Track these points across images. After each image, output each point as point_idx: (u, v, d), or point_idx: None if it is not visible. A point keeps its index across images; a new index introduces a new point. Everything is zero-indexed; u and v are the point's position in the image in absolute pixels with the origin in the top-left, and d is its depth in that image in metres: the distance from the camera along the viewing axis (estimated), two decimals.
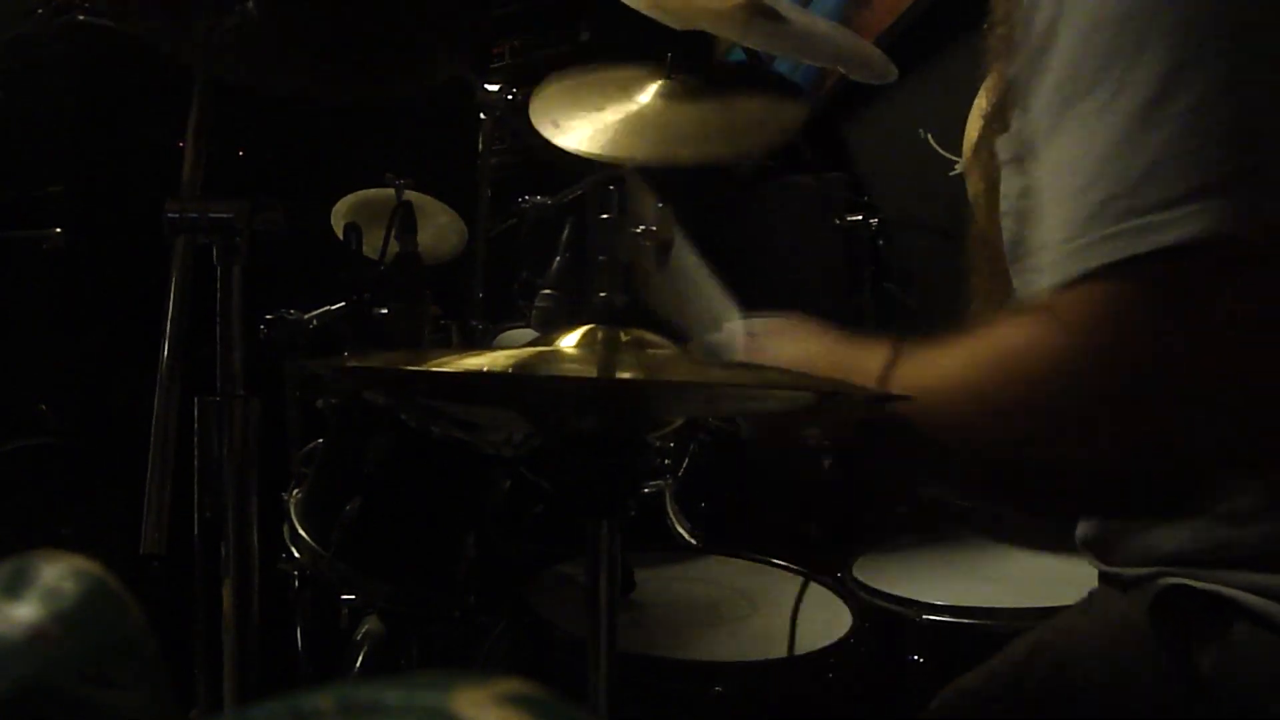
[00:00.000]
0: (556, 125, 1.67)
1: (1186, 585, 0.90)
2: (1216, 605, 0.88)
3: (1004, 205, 0.97)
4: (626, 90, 1.76)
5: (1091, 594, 1.07)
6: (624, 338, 0.94)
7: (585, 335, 0.94)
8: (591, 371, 0.84)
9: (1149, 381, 0.75)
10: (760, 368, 1.00)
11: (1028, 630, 1.12)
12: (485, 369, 0.84)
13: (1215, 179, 0.72)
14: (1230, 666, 0.87)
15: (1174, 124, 0.72)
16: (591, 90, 1.76)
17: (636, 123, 1.70)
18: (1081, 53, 0.77)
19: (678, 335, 1.02)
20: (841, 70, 1.93)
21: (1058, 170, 0.79)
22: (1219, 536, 0.88)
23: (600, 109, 1.71)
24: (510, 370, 0.85)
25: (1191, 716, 0.90)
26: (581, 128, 1.68)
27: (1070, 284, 0.76)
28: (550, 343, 0.96)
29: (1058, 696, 1.01)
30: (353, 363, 0.94)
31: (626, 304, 0.97)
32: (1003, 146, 0.96)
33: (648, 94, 1.76)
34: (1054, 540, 1.65)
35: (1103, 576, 1.03)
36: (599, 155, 1.62)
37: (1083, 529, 1.02)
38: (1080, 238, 0.75)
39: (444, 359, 0.90)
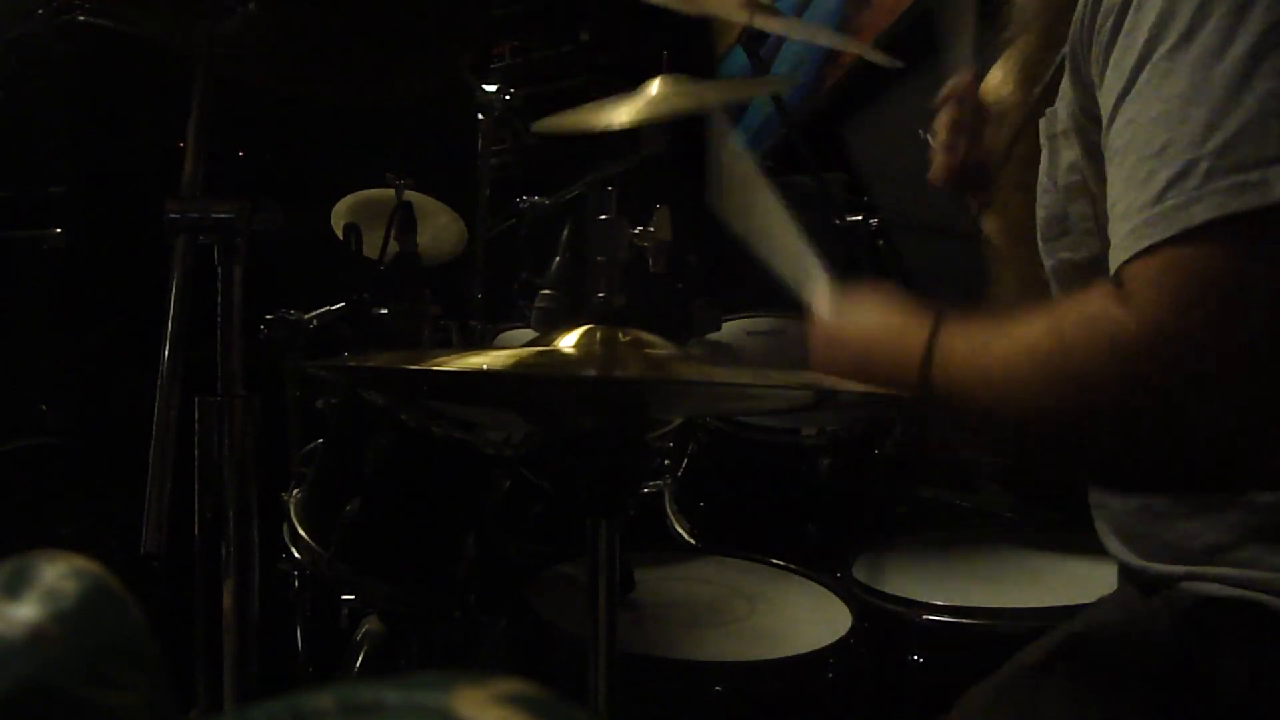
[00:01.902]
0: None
1: (1219, 597, 0.88)
2: (1253, 617, 0.86)
3: (1044, 183, 0.95)
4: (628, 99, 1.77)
5: (1116, 593, 1.06)
6: (622, 338, 0.94)
7: (584, 335, 0.94)
8: (591, 370, 0.84)
9: (1257, 351, 0.70)
10: (759, 368, 1.00)
11: (1029, 630, 1.11)
12: (485, 368, 0.84)
13: None
14: (1266, 682, 0.85)
15: (1269, 84, 0.70)
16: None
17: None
18: (1166, 11, 0.75)
19: (675, 335, 1.02)
20: (855, 50, 1.93)
21: (1135, 129, 0.76)
22: (1250, 529, 0.86)
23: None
24: (510, 370, 0.84)
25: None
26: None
27: (1160, 247, 0.72)
28: (549, 342, 0.96)
29: (1083, 700, 0.99)
30: (352, 362, 0.94)
31: (624, 304, 0.97)
32: (1045, 124, 0.94)
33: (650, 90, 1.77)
34: (1054, 541, 1.65)
35: (1126, 570, 1.00)
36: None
37: (1108, 519, 1.00)
38: (1169, 199, 0.72)
39: (444, 358, 0.90)
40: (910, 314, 0.92)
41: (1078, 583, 1.42)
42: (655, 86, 1.52)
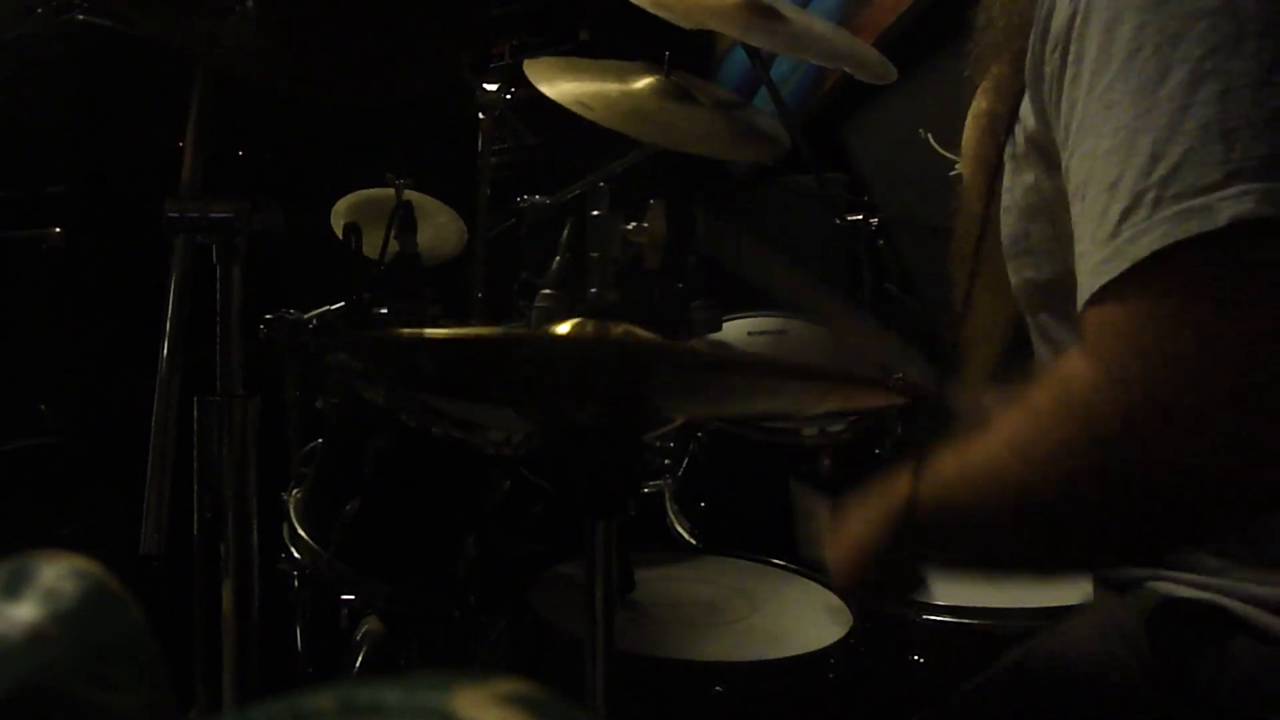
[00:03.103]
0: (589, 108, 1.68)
1: (1184, 598, 0.89)
2: (1213, 618, 0.86)
3: (1005, 200, 0.95)
4: (623, 78, 1.78)
5: (1089, 602, 1.07)
6: (614, 330, 0.94)
7: (575, 325, 0.94)
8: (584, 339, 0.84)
9: (1230, 379, 0.68)
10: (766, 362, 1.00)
11: (1027, 631, 1.11)
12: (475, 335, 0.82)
13: (1254, 163, 0.68)
14: (1228, 680, 0.86)
15: (1208, 110, 0.69)
16: (588, 70, 1.78)
17: (625, 103, 1.72)
18: (1105, 41, 0.74)
19: (674, 334, 1.02)
20: (846, 69, 1.93)
21: (1090, 163, 0.75)
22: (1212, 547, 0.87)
23: (594, 84, 1.73)
24: (497, 335, 0.83)
25: None
26: (573, 89, 1.71)
27: (1114, 287, 0.71)
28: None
29: (1053, 704, 1.00)
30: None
31: (618, 299, 0.97)
32: (1007, 146, 0.94)
33: (642, 83, 1.78)
34: None
35: (1097, 578, 1.02)
36: (577, 109, 1.63)
37: None
38: (1122, 233, 0.71)
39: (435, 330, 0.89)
40: (888, 482, 0.91)
41: (1077, 583, 1.42)
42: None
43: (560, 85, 1.73)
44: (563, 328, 0.93)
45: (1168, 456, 0.70)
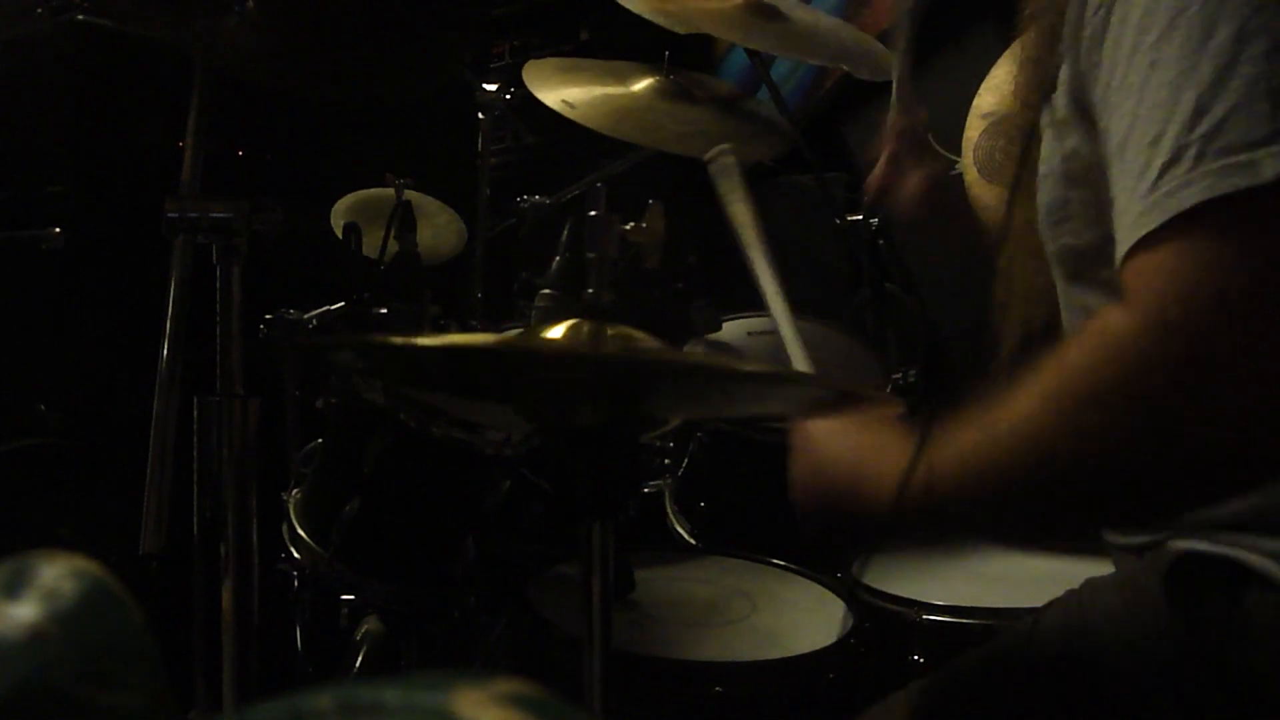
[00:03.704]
0: (571, 106, 1.69)
1: (1200, 551, 0.88)
2: (1230, 570, 0.86)
3: (1044, 169, 0.95)
4: (623, 79, 1.78)
5: (1089, 580, 1.07)
6: (610, 332, 0.94)
7: (570, 328, 0.94)
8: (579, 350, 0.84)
9: (1265, 332, 0.68)
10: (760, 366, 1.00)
11: None
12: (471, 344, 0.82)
13: None
14: (1242, 633, 0.86)
15: (1254, 68, 0.70)
16: (588, 72, 1.78)
17: (628, 108, 1.72)
18: (1152, 3, 0.75)
19: (674, 335, 1.01)
20: (845, 68, 1.93)
21: (1131, 121, 0.76)
22: (1233, 503, 0.85)
23: (593, 85, 1.73)
24: (496, 346, 0.83)
25: (1203, 681, 0.88)
26: (570, 93, 1.71)
27: (1155, 238, 0.72)
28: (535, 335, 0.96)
29: (1069, 659, 0.99)
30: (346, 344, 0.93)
31: (614, 300, 0.97)
32: (1045, 112, 0.93)
33: (641, 84, 1.78)
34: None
35: (1116, 548, 1.01)
36: (573, 117, 1.64)
37: None
38: (1162, 186, 0.72)
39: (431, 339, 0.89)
40: (894, 428, 0.90)
41: (1077, 583, 1.42)
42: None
43: (553, 88, 1.73)
44: (557, 330, 0.93)
45: (1208, 404, 0.70)
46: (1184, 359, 0.70)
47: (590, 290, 0.96)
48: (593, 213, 1.03)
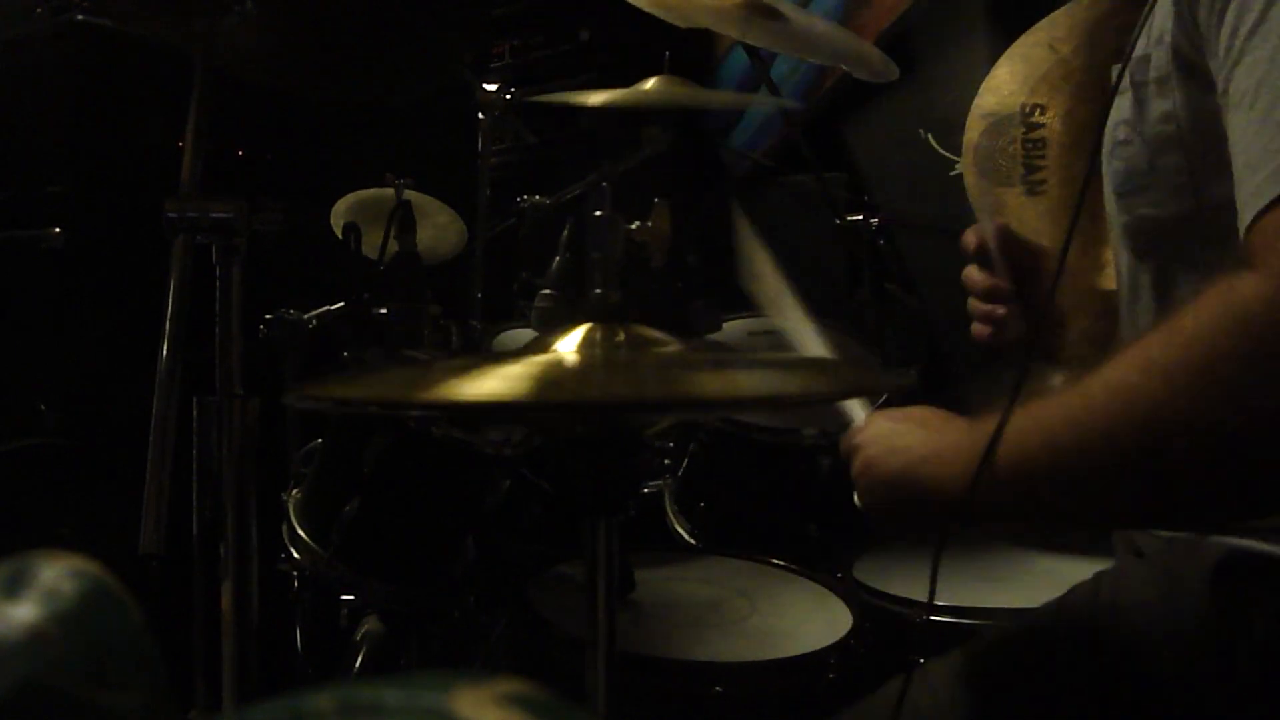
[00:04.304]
0: None
1: (1251, 550, 0.85)
2: (1273, 569, 0.83)
3: (1120, 135, 0.90)
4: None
5: (1100, 573, 1.04)
6: (622, 336, 0.94)
7: (585, 337, 0.93)
8: (597, 392, 0.83)
9: None
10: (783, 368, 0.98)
11: None
12: (490, 400, 0.81)
13: None
14: None
15: None
16: None
17: None
18: None
19: (678, 328, 1.01)
20: (844, 68, 1.93)
21: (1265, 69, 0.69)
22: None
23: None
24: (518, 399, 0.82)
25: (1245, 679, 0.86)
26: None
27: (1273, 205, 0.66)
28: (547, 347, 0.95)
29: (1101, 650, 0.97)
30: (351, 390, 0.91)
31: (621, 300, 0.97)
32: (1129, 73, 0.87)
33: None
34: (1054, 541, 1.65)
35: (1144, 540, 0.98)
36: None
37: None
38: None
39: (445, 382, 0.87)
40: (955, 417, 0.85)
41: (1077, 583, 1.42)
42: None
43: None
44: (570, 341, 0.93)
45: None
46: None
47: (598, 290, 0.96)
48: (598, 212, 1.03)
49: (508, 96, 2.33)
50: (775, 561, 1.60)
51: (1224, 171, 0.74)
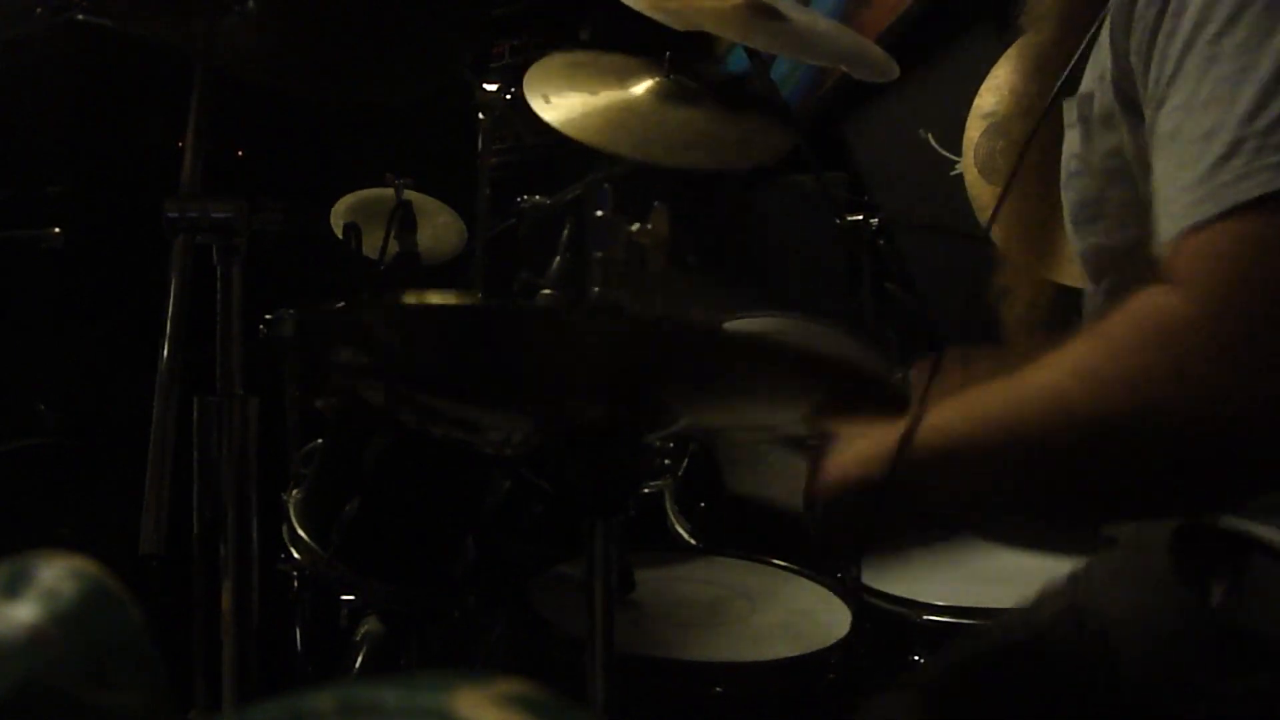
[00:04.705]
0: (546, 100, 1.68)
1: (1204, 524, 0.87)
2: (1233, 539, 0.85)
3: (1073, 167, 0.93)
4: (622, 80, 1.77)
5: (1072, 574, 1.06)
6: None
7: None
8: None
9: None
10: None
11: None
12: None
13: None
14: (1246, 599, 0.85)
15: None
16: (589, 73, 1.77)
17: (626, 115, 1.70)
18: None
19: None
20: (844, 69, 1.93)
21: (1184, 115, 0.75)
22: None
23: (594, 93, 1.72)
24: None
25: (1208, 651, 0.88)
26: (571, 107, 1.69)
27: (1209, 224, 0.71)
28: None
29: (1074, 635, 0.98)
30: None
31: (621, 300, 0.97)
32: (1076, 107, 0.92)
33: (642, 87, 1.77)
34: (1054, 540, 1.65)
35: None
36: (579, 138, 1.62)
37: None
38: (1217, 178, 0.71)
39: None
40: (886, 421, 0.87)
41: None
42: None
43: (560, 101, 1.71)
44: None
45: (1255, 392, 0.68)
46: (1238, 342, 0.69)
47: (598, 289, 0.96)
48: (599, 213, 1.03)
49: (508, 96, 2.33)
50: (775, 561, 1.60)
51: None
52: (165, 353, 1.20)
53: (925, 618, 1.42)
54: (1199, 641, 0.88)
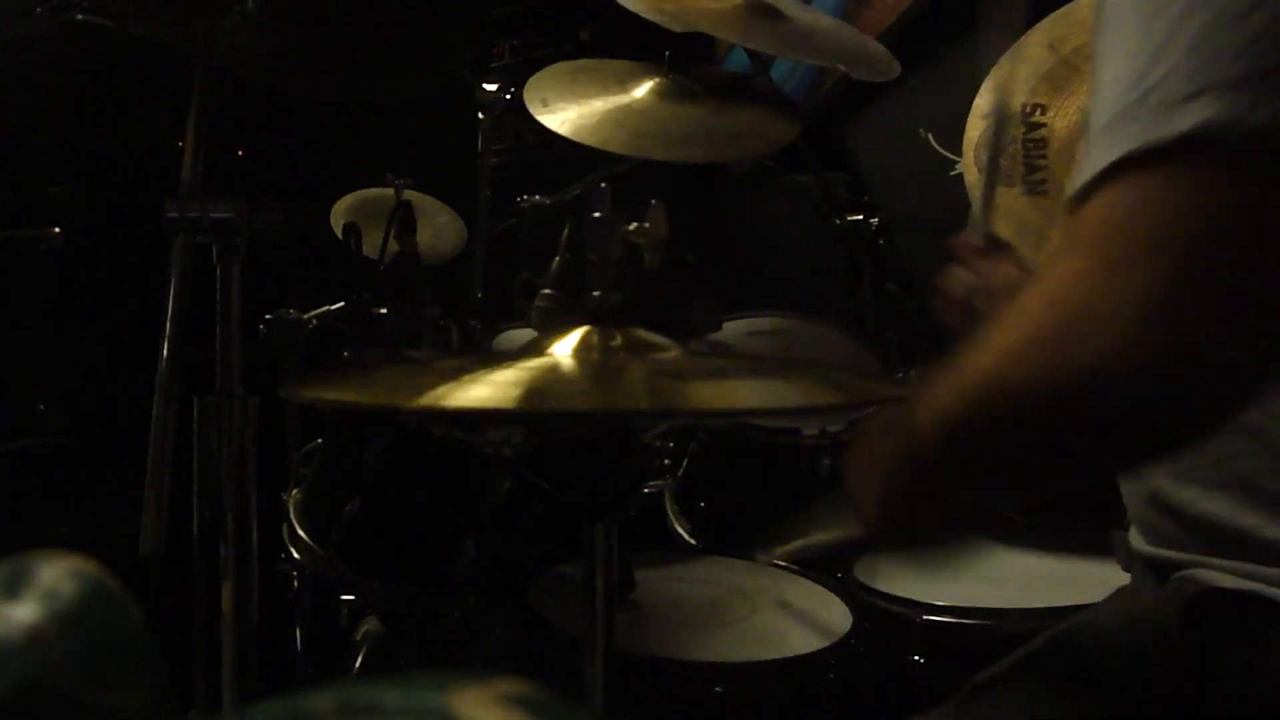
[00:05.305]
0: (545, 103, 1.68)
1: (1226, 588, 0.87)
2: (1255, 608, 0.85)
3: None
4: (622, 83, 1.77)
5: (1120, 590, 1.06)
6: (620, 340, 0.93)
7: (582, 340, 0.93)
8: (594, 399, 0.83)
9: (1188, 277, 0.69)
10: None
11: (1028, 632, 1.11)
12: (485, 406, 0.81)
13: (1231, 78, 0.69)
14: (1264, 671, 0.85)
15: (1196, 34, 0.71)
16: (589, 78, 1.77)
17: (625, 115, 1.70)
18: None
19: (675, 335, 1.01)
20: (843, 69, 1.93)
21: (1093, 97, 0.77)
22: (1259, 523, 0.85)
23: (593, 97, 1.72)
24: (513, 406, 0.82)
25: (1223, 714, 0.88)
26: (568, 111, 1.70)
27: (1083, 196, 0.73)
28: (544, 349, 0.95)
29: (1076, 690, 0.99)
30: (348, 394, 0.91)
31: (619, 302, 0.97)
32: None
33: (642, 90, 1.77)
34: (1054, 541, 1.65)
35: (1140, 558, 1.00)
36: (578, 139, 1.63)
37: (1128, 504, 1.00)
38: (1093, 152, 0.73)
39: (441, 387, 0.87)
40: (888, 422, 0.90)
41: (1078, 583, 1.42)
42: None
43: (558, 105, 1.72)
44: (566, 345, 0.92)
45: (1157, 347, 0.70)
46: (1127, 301, 0.70)
47: (596, 293, 0.96)
48: (596, 213, 1.03)
49: (508, 96, 2.33)
50: (775, 561, 1.60)
51: None
52: (165, 353, 1.20)
53: (925, 618, 1.42)
54: (1210, 708, 0.89)
